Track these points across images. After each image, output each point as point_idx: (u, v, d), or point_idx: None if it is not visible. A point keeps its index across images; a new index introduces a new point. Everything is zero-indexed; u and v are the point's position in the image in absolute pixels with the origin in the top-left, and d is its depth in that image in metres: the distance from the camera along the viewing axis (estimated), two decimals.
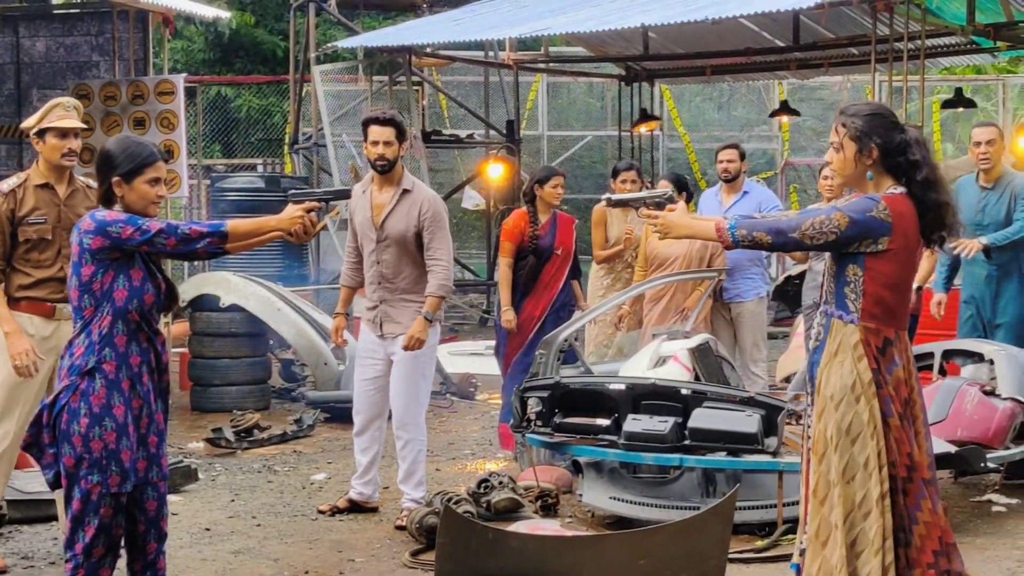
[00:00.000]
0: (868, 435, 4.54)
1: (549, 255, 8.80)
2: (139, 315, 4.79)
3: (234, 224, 4.90)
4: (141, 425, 4.81)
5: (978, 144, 8.29)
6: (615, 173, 9.84)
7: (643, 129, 17.81)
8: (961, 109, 17.33)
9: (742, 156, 9.55)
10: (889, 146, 4.62)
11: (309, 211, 4.99)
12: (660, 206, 4.89)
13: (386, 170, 7.05)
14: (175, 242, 4.77)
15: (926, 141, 4.71)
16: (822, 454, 4.64)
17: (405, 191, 7.09)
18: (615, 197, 5.35)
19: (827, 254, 4.76)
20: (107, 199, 4.88)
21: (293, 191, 5.10)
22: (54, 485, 4.88)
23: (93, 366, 4.73)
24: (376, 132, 6.99)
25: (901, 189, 4.62)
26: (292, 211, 5.00)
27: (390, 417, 7.26)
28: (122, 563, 4.91)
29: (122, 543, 4.87)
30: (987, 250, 8.01)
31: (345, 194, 5.70)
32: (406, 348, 6.97)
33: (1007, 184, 8.27)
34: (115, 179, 4.83)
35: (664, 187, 9.14)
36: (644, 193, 5.03)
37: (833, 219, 4.56)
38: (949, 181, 4.91)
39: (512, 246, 8.84)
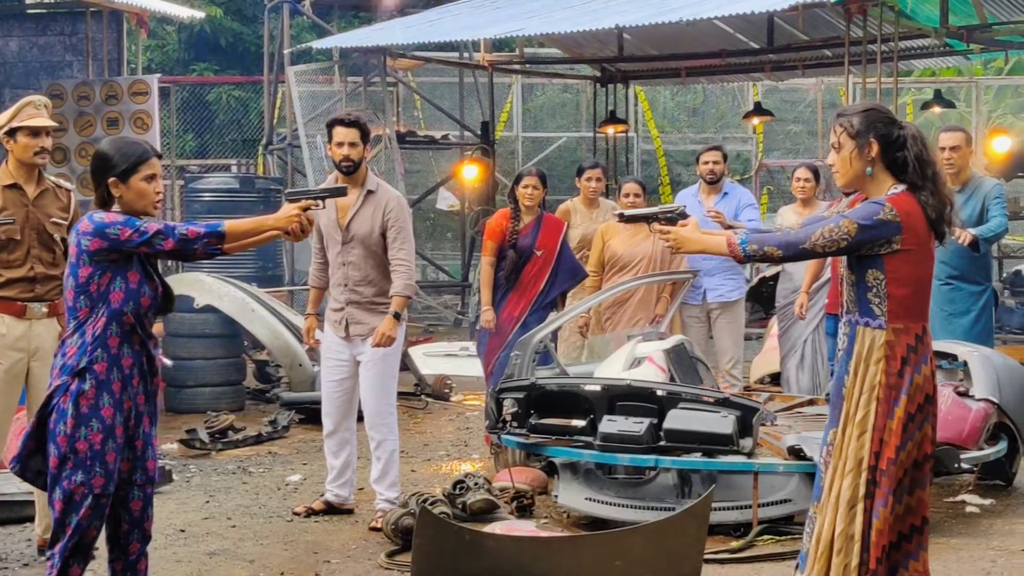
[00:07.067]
0: (869, 437, 4.59)
1: (529, 255, 8.79)
2: (134, 317, 4.78)
3: (231, 224, 4.89)
4: (130, 427, 4.80)
5: (943, 149, 8.31)
6: (580, 171, 9.90)
7: (611, 130, 17.77)
8: (939, 111, 17.39)
9: (725, 158, 9.62)
10: (888, 140, 4.66)
11: (306, 209, 5.00)
12: (672, 221, 4.93)
13: (351, 171, 7.08)
14: (173, 243, 4.75)
15: (924, 136, 4.75)
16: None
17: (369, 192, 7.12)
18: (627, 213, 5.33)
19: (843, 266, 4.78)
20: (104, 201, 4.85)
21: (289, 190, 5.12)
22: (17, 472, 4.86)
23: (84, 366, 4.72)
24: (341, 133, 7.03)
25: (902, 187, 4.66)
26: (289, 210, 5.02)
27: (360, 419, 7.27)
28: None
29: (96, 544, 4.85)
30: (976, 242, 8.03)
31: (341, 192, 5.70)
32: (376, 345, 6.98)
33: (975, 188, 8.30)
34: (111, 180, 4.81)
35: (633, 190, 9.24)
36: (657, 208, 5.05)
37: (842, 226, 4.59)
38: None
39: (494, 244, 8.84)
